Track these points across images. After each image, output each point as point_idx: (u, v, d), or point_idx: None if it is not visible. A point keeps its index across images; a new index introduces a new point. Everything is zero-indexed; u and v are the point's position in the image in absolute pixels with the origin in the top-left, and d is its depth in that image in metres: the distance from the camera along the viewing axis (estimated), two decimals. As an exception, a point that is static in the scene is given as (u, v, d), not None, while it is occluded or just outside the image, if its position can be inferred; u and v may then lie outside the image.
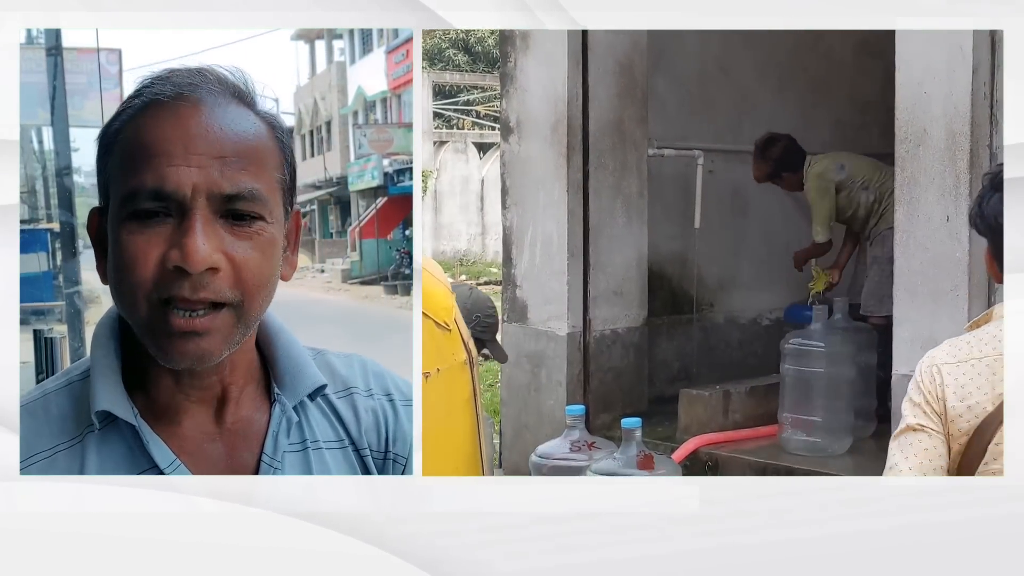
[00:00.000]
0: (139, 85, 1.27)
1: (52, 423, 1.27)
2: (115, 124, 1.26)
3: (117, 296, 1.24)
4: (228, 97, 1.26)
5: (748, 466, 4.49)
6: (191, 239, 1.18)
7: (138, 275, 1.19)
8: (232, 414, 1.32)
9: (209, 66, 1.28)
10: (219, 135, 1.22)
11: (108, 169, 1.25)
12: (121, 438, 1.27)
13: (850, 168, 5.20)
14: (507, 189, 5.24)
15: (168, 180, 1.19)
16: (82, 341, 6.72)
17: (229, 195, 1.21)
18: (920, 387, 1.90)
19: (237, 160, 1.22)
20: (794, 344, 4.62)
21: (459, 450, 2.21)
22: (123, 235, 1.20)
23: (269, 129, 1.28)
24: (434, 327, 2.15)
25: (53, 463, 1.25)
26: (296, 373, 1.36)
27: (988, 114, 3.72)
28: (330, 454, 1.37)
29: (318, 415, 1.38)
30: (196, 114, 1.22)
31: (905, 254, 3.89)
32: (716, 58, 5.85)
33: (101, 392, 1.26)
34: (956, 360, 1.89)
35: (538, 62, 5.08)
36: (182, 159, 1.19)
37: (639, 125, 5.24)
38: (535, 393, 5.09)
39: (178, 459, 1.27)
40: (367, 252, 23.63)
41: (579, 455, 4.01)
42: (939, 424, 1.88)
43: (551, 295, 5.04)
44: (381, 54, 26.06)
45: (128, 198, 1.20)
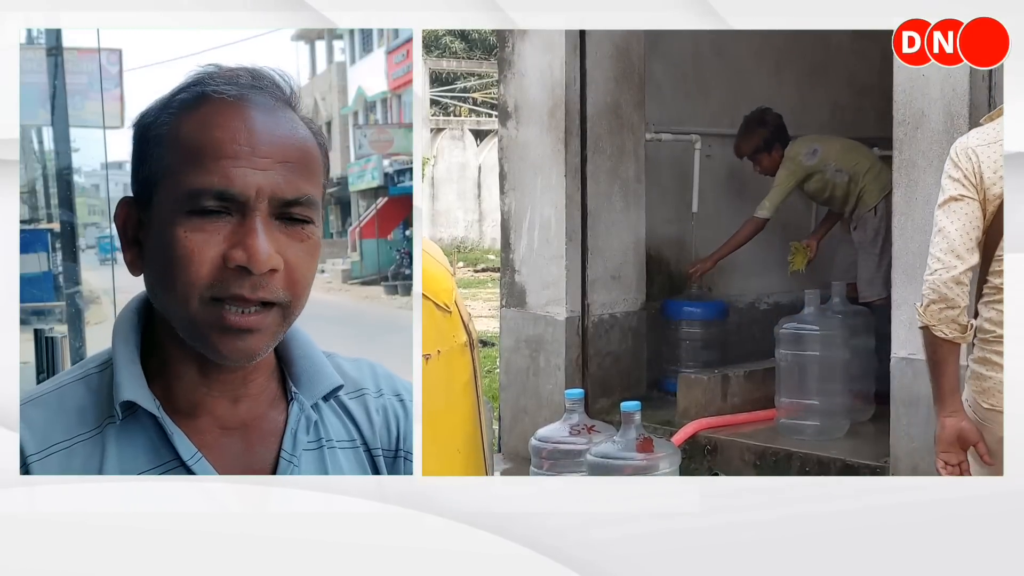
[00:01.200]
0: (191, 79, 1.27)
1: (69, 415, 1.27)
2: (162, 116, 1.25)
3: (162, 290, 1.24)
4: (282, 101, 1.28)
5: (747, 449, 4.50)
6: (256, 240, 1.20)
7: (195, 272, 1.20)
8: (251, 410, 1.33)
9: (262, 68, 1.29)
10: (281, 140, 1.24)
11: (153, 161, 1.25)
12: (142, 430, 1.27)
13: (823, 153, 5.18)
14: (505, 174, 5.24)
15: (235, 181, 1.20)
16: (83, 341, 6.70)
17: (289, 200, 1.23)
18: (958, 165, 2.34)
19: (296, 166, 1.24)
20: (788, 328, 4.63)
21: (459, 431, 2.22)
22: (179, 232, 1.20)
23: (312, 135, 1.29)
24: (434, 309, 2.15)
25: (71, 454, 1.25)
26: (314, 373, 1.37)
27: (987, 96, 3.72)
28: (343, 453, 1.39)
29: (331, 415, 1.40)
30: (261, 116, 1.24)
31: (903, 236, 3.89)
32: (712, 41, 5.84)
33: (125, 383, 1.26)
34: (987, 142, 2.34)
35: (535, 47, 5.07)
36: (248, 161, 1.21)
37: (636, 109, 5.24)
38: (534, 377, 5.10)
39: (200, 452, 1.27)
40: (367, 252, 23.56)
41: (578, 439, 4.02)
42: (976, 193, 2.31)
43: (549, 280, 5.04)
44: (381, 54, 25.97)
45: (190, 196, 1.20)
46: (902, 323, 3.90)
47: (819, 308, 4.65)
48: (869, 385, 4.79)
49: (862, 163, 5.20)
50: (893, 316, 3.95)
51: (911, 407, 3.89)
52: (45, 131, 11.39)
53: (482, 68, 25.03)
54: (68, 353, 5.82)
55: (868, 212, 5.16)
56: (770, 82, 6.06)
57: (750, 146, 5.28)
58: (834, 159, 5.17)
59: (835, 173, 5.19)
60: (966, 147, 2.36)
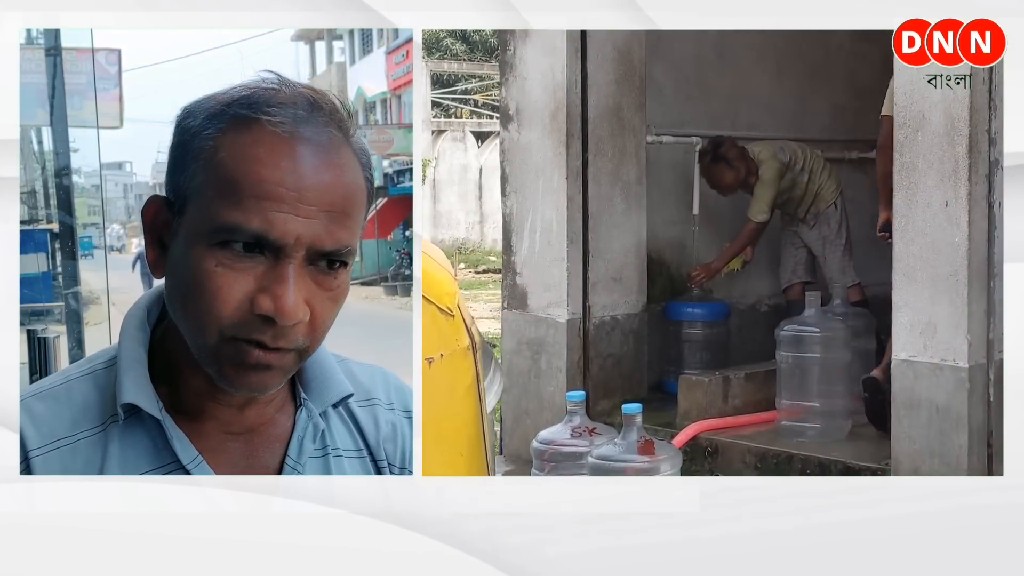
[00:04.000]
0: (247, 93, 1.17)
1: (75, 410, 1.25)
2: (208, 128, 1.16)
3: (182, 312, 1.19)
4: (335, 132, 1.18)
5: (748, 451, 4.51)
6: (286, 291, 1.14)
7: (218, 310, 1.14)
8: (257, 415, 1.30)
9: (323, 92, 1.19)
10: (330, 187, 1.15)
11: (190, 174, 1.17)
12: (145, 431, 1.25)
13: (789, 150, 5.37)
14: (506, 177, 5.25)
15: (275, 227, 1.12)
16: (79, 342, 6.69)
17: (327, 251, 1.16)
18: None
19: (340, 215, 1.17)
20: (789, 331, 4.64)
21: (463, 435, 2.22)
22: (207, 263, 1.14)
23: (361, 168, 1.21)
24: (436, 312, 2.15)
25: (75, 450, 1.23)
26: (324, 380, 1.34)
27: (987, 99, 3.72)
28: (348, 462, 1.36)
29: (339, 423, 1.37)
30: (312, 160, 1.15)
31: (904, 239, 3.90)
32: (714, 43, 5.85)
33: (128, 384, 1.23)
34: None
35: (537, 50, 5.08)
36: (292, 208, 1.13)
37: (637, 112, 5.25)
38: (535, 379, 5.10)
39: (200, 456, 1.25)
40: (367, 253, 23.48)
41: (580, 441, 4.02)
42: None
43: (551, 282, 5.05)
44: (381, 55, 25.96)
45: (223, 230, 1.13)
46: (902, 325, 3.90)
47: (820, 310, 4.66)
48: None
49: (817, 161, 5.44)
50: (893, 318, 3.95)
51: (912, 409, 3.89)
52: (44, 131, 11.37)
53: (483, 70, 25.04)
54: (63, 353, 5.81)
55: (828, 208, 5.38)
56: (770, 84, 6.08)
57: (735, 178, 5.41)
58: (799, 158, 5.35)
59: (799, 172, 5.38)
60: None
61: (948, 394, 3.80)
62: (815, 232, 5.44)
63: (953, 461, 3.79)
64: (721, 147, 5.37)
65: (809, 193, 5.38)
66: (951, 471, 3.77)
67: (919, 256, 3.86)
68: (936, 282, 3.80)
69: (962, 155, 3.72)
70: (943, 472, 3.77)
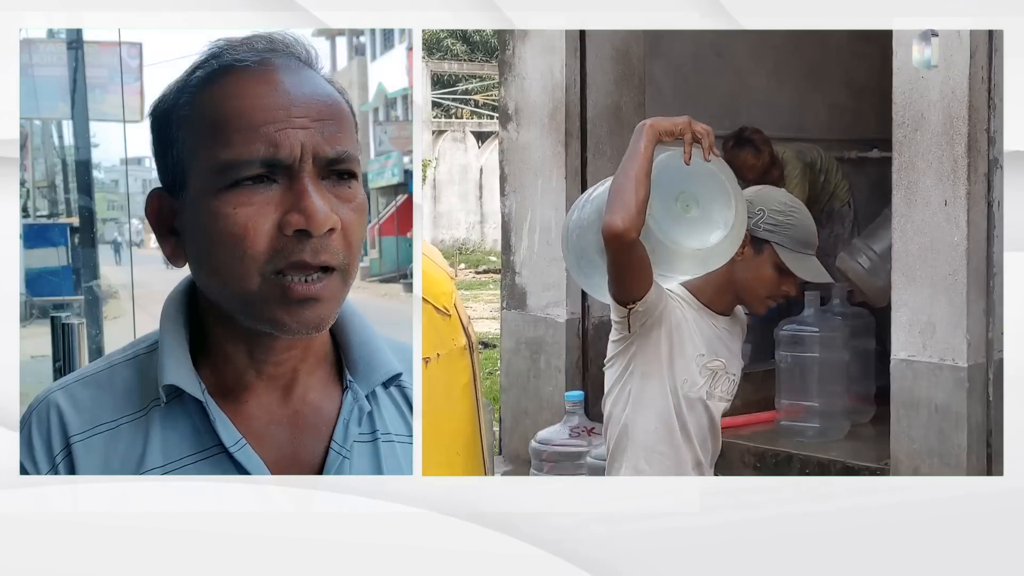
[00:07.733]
0: (205, 55, 1.21)
1: (117, 394, 1.25)
2: (183, 97, 1.20)
3: (215, 274, 1.19)
4: (302, 63, 1.23)
5: (747, 451, 4.51)
6: (311, 201, 1.15)
7: (252, 246, 1.14)
8: (300, 398, 1.27)
9: (273, 32, 1.24)
10: (313, 98, 1.19)
11: (181, 144, 1.20)
12: (186, 414, 1.24)
13: (808, 152, 5.37)
14: (506, 176, 5.24)
15: (281, 145, 1.15)
16: (100, 332, 6.67)
17: (331, 158, 1.18)
18: None
19: (332, 123, 1.19)
20: (789, 330, 4.64)
21: (459, 434, 2.22)
22: (225, 208, 1.15)
23: (338, 92, 1.25)
24: (434, 312, 2.15)
25: (117, 434, 1.23)
26: (370, 359, 1.31)
27: (986, 98, 3.72)
28: (402, 448, 1.32)
29: (389, 406, 1.33)
30: (288, 78, 1.19)
31: (903, 238, 3.89)
32: (712, 42, 5.84)
33: (170, 366, 1.23)
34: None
35: (536, 50, 5.08)
36: (288, 123, 1.16)
37: (636, 111, 5.24)
38: (534, 379, 5.10)
39: (244, 439, 1.23)
40: (387, 249, 23.31)
41: (579, 441, 4.02)
42: None
43: (550, 282, 5.05)
44: (402, 51, 25.84)
45: (228, 168, 1.15)
46: (902, 325, 3.90)
47: (819, 309, 4.65)
48: (869, 387, 4.79)
49: (831, 161, 5.44)
50: (893, 318, 3.95)
51: (912, 409, 3.89)
52: (65, 125, 11.32)
53: (483, 70, 25.03)
54: (85, 340, 5.81)
55: (843, 207, 5.35)
56: (769, 83, 6.07)
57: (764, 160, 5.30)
58: (818, 159, 5.34)
59: (817, 172, 5.39)
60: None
61: (947, 393, 3.79)
62: (827, 231, 5.37)
63: (953, 461, 3.79)
64: (746, 131, 5.31)
65: (825, 193, 5.35)
66: (951, 471, 3.76)
67: (918, 255, 3.85)
68: (935, 281, 3.80)
69: (961, 154, 3.71)
70: (943, 472, 3.77)
